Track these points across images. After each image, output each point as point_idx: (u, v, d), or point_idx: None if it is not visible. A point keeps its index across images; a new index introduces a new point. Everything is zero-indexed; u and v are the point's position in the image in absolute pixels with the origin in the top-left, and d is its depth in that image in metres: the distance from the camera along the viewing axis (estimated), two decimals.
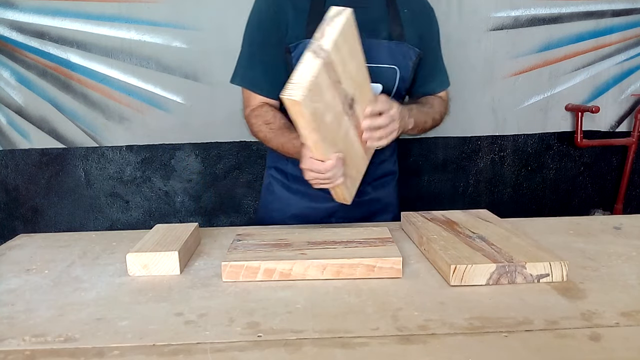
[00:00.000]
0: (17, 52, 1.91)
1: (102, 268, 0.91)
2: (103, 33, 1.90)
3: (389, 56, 1.14)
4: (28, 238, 1.11)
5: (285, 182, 1.25)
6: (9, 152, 2.01)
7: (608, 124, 2.21)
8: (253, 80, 1.12)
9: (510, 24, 2.06)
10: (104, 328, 0.68)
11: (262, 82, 1.12)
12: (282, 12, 1.08)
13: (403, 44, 1.15)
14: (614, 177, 2.29)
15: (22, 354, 0.62)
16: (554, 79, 2.13)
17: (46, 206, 2.08)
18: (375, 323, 0.67)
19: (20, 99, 1.96)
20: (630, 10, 2.10)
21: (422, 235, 0.94)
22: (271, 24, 1.09)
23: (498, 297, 0.75)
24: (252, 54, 1.12)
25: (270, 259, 0.83)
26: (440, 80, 1.28)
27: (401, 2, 1.17)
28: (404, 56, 1.16)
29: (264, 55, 1.11)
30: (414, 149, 2.16)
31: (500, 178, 2.24)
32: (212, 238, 1.06)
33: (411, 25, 1.17)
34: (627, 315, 0.68)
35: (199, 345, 0.63)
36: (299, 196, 1.23)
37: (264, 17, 1.10)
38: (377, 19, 1.14)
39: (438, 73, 1.27)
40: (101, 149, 2.03)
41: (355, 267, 0.82)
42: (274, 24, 1.09)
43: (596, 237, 1.02)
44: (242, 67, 1.14)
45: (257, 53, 1.11)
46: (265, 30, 1.10)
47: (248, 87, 1.13)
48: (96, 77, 1.95)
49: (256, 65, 1.12)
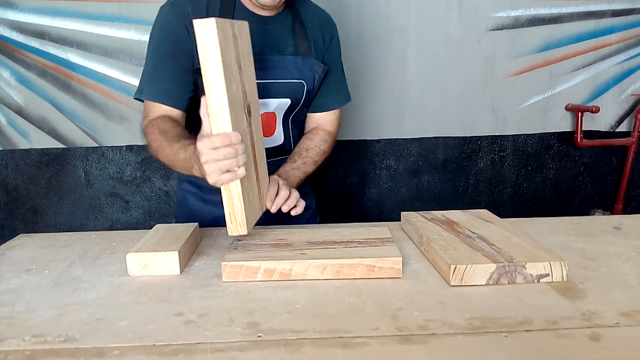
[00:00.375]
0: (17, 52, 1.91)
1: (102, 268, 0.91)
2: (103, 33, 1.91)
3: (296, 71, 1.16)
4: (28, 238, 1.11)
5: (199, 193, 1.25)
6: (9, 152, 2.01)
7: (608, 124, 2.21)
8: (159, 92, 1.10)
9: (510, 24, 2.06)
10: (104, 328, 0.68)
11: (169, 93, 1.10)
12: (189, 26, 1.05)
13: (310, 59, 1.18)
14: (614, 177, 2.29)
15: (22, 354, 0.62)
16: (554, 79, 2.13)
17: (46, 206, 2.08)
18: (375, 323, 0.67)
19: (20, 99, 1.96)
20: (630, 10, 2.10)
21: (422, 235, 0.94)
22: (176, 37, 1.07)
23: (498, 297, 0.75)
24: (156, 68, 1.10)
25: (270, 259, 0.83)
26: (335, 98, 1.28)
27: (306, 17, 1.19)
28: (311, 70, 1.18)
29: (169, 67, 1.09)
30: (414, 149, 2.16)
31: (500, 178, 2.24)
32: (212, 238, 1.06)
33: (315, 39, 1.20)
34: (627, 315, 0.68)
35: (199, 345, 0.63)
36: (213, 205, 1.22)
37: (168, 30, 1.08)
38: (284, 35, 1.16)
39: (334, 90, 1.27)
40: (101, 149, 2.03)
41: (355, 267, 0.82)
42: (179, 36, 1.07)
43: (596, 237, 1.02)
44: (147, 81, 1.11)
45: (162, 66, 1.09)
46: (170, 43, 1.08)
47: (154, 100, 1.10)
48: (96, 77, 1.95)
49: (162, 77, 1.09)
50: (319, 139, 1.26)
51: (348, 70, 1.33)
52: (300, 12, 1.19)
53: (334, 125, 1.30)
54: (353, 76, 1.99)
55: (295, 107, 1.21)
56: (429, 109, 2.12)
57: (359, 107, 2.06)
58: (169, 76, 1.09)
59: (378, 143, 2.15)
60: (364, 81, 2.04)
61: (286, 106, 1.19)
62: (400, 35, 2.02)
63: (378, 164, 2.18)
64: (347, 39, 1.94)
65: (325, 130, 1.29)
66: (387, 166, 2.18)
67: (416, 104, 2.11)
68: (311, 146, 1.23)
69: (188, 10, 1.07)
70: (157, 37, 1.10)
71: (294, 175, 1.16)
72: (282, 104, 1.18)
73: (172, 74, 1.09)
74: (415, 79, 2.08)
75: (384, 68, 2.05)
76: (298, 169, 1.18)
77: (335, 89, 1.27)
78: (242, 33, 0.91)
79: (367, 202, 2.22)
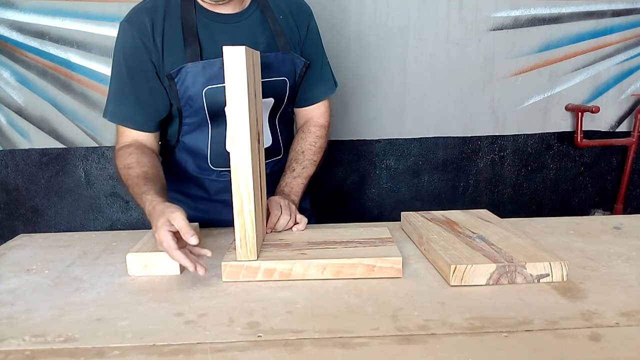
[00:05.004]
0: (17, 52, 1.91)
1: (102, 268, 0.91)
2: (103, 33, 1.90)
3: (277, 68, 1.11)
4: (28, 238, 1.11)
5: (190, 202, 1.22)
6: (9, 152, 2.01)
7: (608, 124, 2.21)
8: (124, 115, 1.08)
9: (510, 24, 2.06)
10: (104, 328, 0.68)
11: (134, 115, 1.08)
12: (148, 41, 1.04)
13: (289, 54, 1.13)
14: (614, 177, 2.29)
15: (22, 354, 0.62)
16: (554, 79, 2.13)
17: (46, 206, 2.08)
18: (375, 323, 0.67)
19: (20, 99, 1.96)
20: (630, 10, 2.10)
21: (422, 235, 0.94)
22: (137, 55, 1.05)
23: (498, 297, 0.75)
24: (119, 89, 1.08)
25: (270, 259, 0.83)
26: (321, 88, 1.23)
27: (277, 8, 1.13)
28: (292, 64, 1.14)
29: (133, 88, 1.06)
30: (414, 149, 2.16)
31: (500, 178, 2.24)
32: (212, 238, 1.06)
33: (289, 30, 1.14)
34: (627, 315, 0.68)
35: (199, 345, 0.63)
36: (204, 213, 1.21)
37: (129, 49, 1.06)
38: (254, 32, 1.10)
39: (319, 80, 1.22)
40: (101, 149, 2.03)
41: (355, 267, 0.82)
42: (141, 55, 1.05)
43: (596, 237, 1.02)
44: (112, 102, 1.09)
45: (125, 86, 1.07)
46: (132, 62, 1.06)
47: (120, 123, 1.09)
48: (96, 77, 1.95)
49: (126, 98, 1.07)
50: (313, 137, 1.22)
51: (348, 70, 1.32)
52: (269, 4, 1.13)
53: (325, 117, 1.26)
54: (353, 76, 2.00)
55: (280, 106, 1.17)
56: (429, 109, 2.12)
57: (359, 107, 2.06)
58: (132, 99, 1.07)
59: (378, 143, 2.15)
60: (364, 81, 2.04)
61: (270, 106, 1.14)
62: (400, 35, 2.02)
63: (378, 164, 2.18)
64: (347, 39, 1.94)
65: (317, 124, 1.24)
66: (387, 166, 2.18)
67: (416, 104, 2.10)
68: (306, 147, 1.20)
69: (145, 22, 1.04)
70: (117, 57, 1.08)
71: (297, 184, 1.15)
72: (266, 104, 1.13)
73: (134, 96, 1.07)
74: (415, 79, 2.08)
75: (384, 68, 2.05)
76: (299, 176, 1.16)
77: (320, 79, 1.22)
78: (255, 61, 0.91)
79: (367, 202, 2.22)
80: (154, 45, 1.04)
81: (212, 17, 1.07)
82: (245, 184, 0.81)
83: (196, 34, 1.05)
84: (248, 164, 0.80)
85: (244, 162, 0.80)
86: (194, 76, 1.05)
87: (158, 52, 1.05)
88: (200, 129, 1.12)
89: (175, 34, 1.05)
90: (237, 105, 0.79)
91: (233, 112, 0.79)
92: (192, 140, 1.15)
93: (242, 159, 0.80)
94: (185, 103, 1.08)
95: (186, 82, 1.05)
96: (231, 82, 0.78)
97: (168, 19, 1.06)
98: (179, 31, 1.06)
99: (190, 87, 1.05)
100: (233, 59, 0.78)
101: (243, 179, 0.81)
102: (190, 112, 1.09)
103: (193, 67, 1.04)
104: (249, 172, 0.81)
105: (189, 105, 1.08)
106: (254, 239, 0.83)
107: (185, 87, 1.05)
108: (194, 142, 1.14)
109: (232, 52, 0.78)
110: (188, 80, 1.05)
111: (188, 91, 1.06)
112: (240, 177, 0.81)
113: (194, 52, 1.04)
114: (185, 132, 1.14)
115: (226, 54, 0.78)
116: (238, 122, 0.80)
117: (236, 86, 0.78)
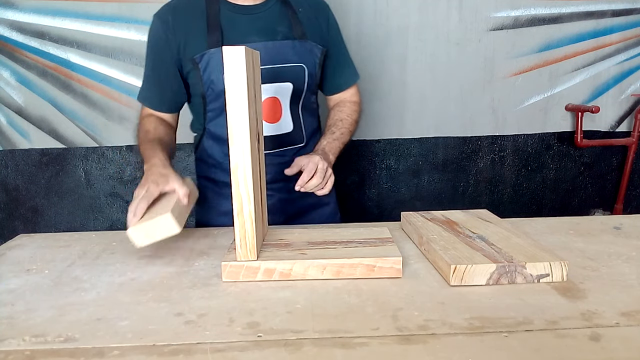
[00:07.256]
0: (17, 52, 1.91)
1: (102, 268, 0.91)
2: (103, 33, 1.91)
3: (295, 55, 1.19)
4: (28, 238, 1.11)
5: (216, 188, 1.29)
6: (9, 152, 2.01)
7: (608, 124, 2.21)
8: (147, 96, 1.24)
9: (510, 24, 2.06)
10: (104, 328, 0.68)
11: (153, 98, 1.23)
12: (173, 31, 1.15)
13: (306, 42, 1.20)
14: (614, 177, 2.29)
15: (22, 354, 0.62)
16: (554, 79, 2.13)
17: (46, 206, 2.08)
18: (375, 323, 0.67)
19: (20, 99, 1.96)
20: (630, 10, 2.10)
21: (422, 235, 0.94)
22: (162, 45, 1.17)
23: (498, 297, 0.75)
24: (147, 74, 1.23)
25: (270, 259, 0.83)
26: (348, 75, 1.33)
27: (295, 2, 1.22)
28: (310, 53, 1.21)
29: (156, 75, 1.21)
30: (414, 149, 2.17)
31: (500, 178, 2.24)
32: (212, 238, 1.06)
33: (309, 23, 1.22)
34: (627, 315, 0.68)
35: (199, 345, 0.63)
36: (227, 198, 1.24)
37: (155, 39, 1.18)
38: (276, 22, 1.19)
39: (344, 68, 1.31)
40: (101, 149, 2.03)
41: (355, 267, 0.82)
42: (165, 45, 1.16)
43: (596, 237, 1.02)
44: (142, 86, 1.24)
45: (151, 73, 1.22)
46: (157, 51, 1.19)
47: (143, 103, 1.24)
48: (96, 77, 1.95)
49: (151, 84, 1.22)
50: (349, 110, 1.30)
51: None
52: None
53: (357, 96, 1.36)
54: None
55: (300, 92, 1.22)
56: (429, 109, 2.12)
57: None
58: (155, 84, 1.22)
59: (378, 143, 2.15)
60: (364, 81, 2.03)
61: (289, 90, 1.20)
62: (400, 35, 2.02)
63: (378, 164, 2.18)
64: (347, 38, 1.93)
65: (351, 101, 1.33)
66: (387, 166, 2.18)
67: (416, 104, 2.11)
68: (343, 117, 1.28)
69: (169, 18, 1.16)
70: (147, 46, 1.21)
71: (335, 146, 1.22)
72: (283, 88, 1.19)
73: (158, 81, 1.21)
74: (415, 79, 2.08)
75: (384, 68, 2.05)
76: (338, 140, 1.23)
77: (346, 67, 1.32)
78: (255, 61, 0.91)
79: (367, 202, 2.22)
80: (174, 37, 1.15)
81: (234, 9, 1.17)
82: (245, 184, 0.81)
83: (219, 23, 1.15)
84: (248, 164, 0.81)
85: (243, 162, 0.80)
86: (216, 61, 1.14)
87: (178, 43, 1.16)
88: (223, 115, 1.19)
89: (198, 25, 1.15)
90: (237, 106, 0.79)
91: (233, 112, 0.79)
92: (216, 127, 1.22)
93: (242, 159, 0.80)
94: (207, 87, 1.16)
95: (209, 67, 1.14)
96: (231, 82, 0.78)
97: (190, 13, 1.16)
98: (203, 22, 1.15)
99: (212, 71, 1.14)
100: (233, 59, 0.78)
101: (243, 179, 0.81)
102: (212, 96, 1.17)
103: (215, 52, 1.13)
104: (249, 172, 0.81)
105: (211, 89, 1.16)
106: (253, 239, 0.83)
107: (209, 72, 1.15)
108: (218, 128, 1.22)
109: (232, 52, 0.78)
110: (211, 66, 1.14)
111: (211, 75, 1.15)
112: (240, 177, 0.81)
113: (216, 39, 1.14)
114: (210, 119, 1.22)
115: (226, 54, 0.78)
116: (238, 123, 0.80)
117: (236, 86, 0.78)
